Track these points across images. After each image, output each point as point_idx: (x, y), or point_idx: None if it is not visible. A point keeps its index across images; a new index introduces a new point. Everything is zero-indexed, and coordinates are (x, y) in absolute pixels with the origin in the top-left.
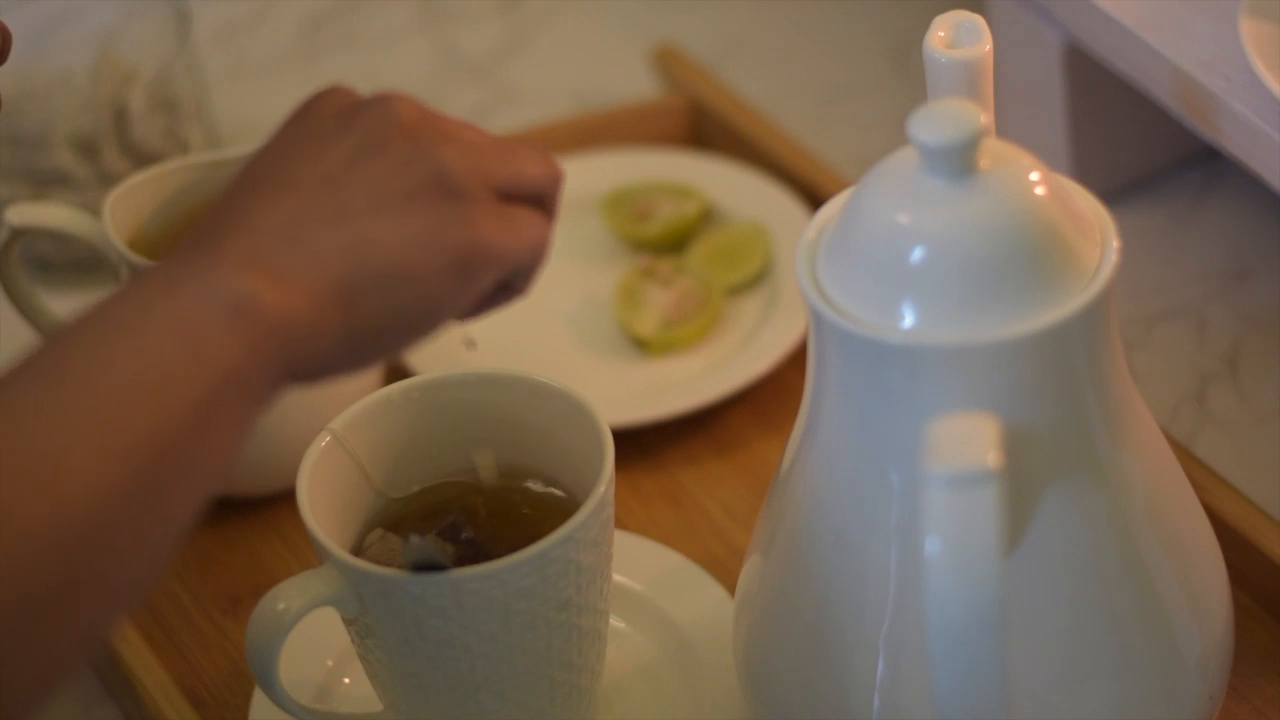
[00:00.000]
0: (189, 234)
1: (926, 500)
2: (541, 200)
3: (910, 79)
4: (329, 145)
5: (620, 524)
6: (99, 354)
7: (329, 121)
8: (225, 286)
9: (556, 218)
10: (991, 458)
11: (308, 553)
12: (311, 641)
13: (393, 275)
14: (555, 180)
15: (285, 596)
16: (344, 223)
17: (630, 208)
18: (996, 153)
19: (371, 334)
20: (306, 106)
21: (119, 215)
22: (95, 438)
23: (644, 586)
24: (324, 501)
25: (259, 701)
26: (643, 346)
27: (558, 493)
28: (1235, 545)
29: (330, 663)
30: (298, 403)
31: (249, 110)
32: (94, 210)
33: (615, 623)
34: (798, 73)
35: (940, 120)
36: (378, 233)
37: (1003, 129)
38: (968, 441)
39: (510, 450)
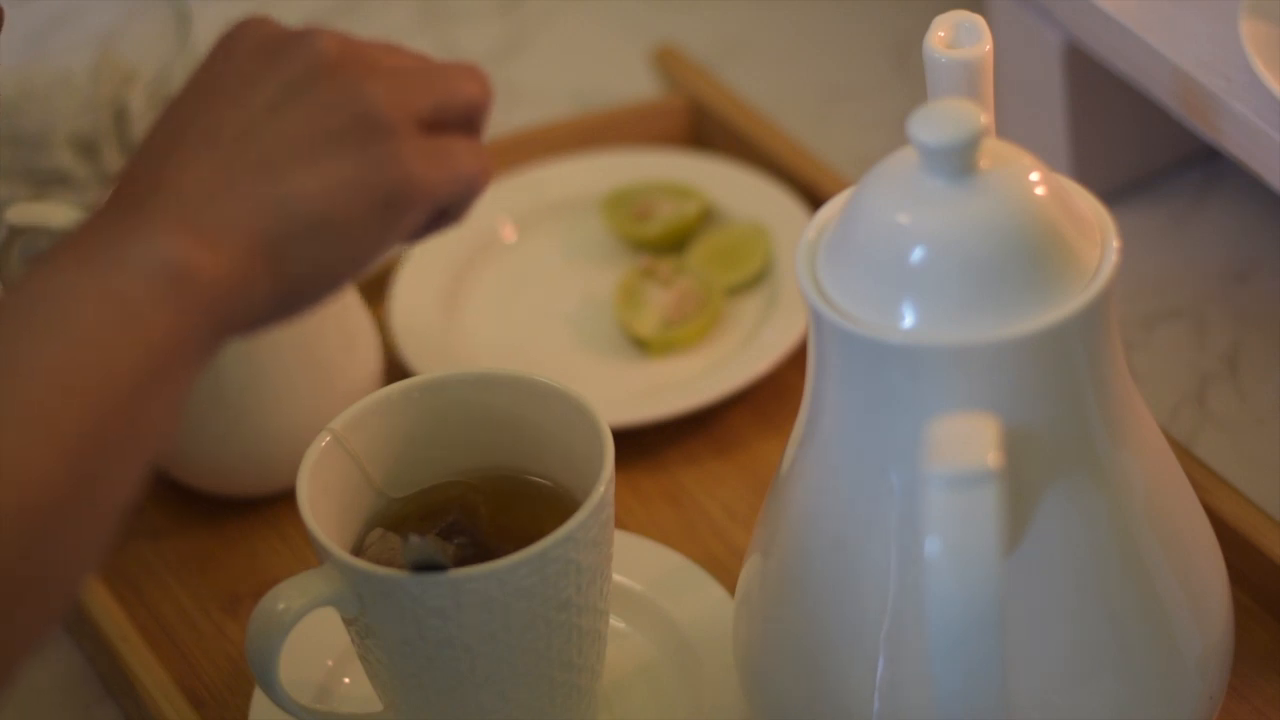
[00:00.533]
0: (114, 190)
1: (926, 500)
2: (473, 122)
3: (910, 79)
4: (249, 89)
5: (620, 524)
6: (29, 336)
7: (249, 61)
8: (153, 254)
9: (484, 133)
10: (991, 458)
11: (308, 553)
12: (311, 641)
13: (318, 225)
14: (484, 97)
15: (285, 596)
16: (267, 175)
17: (630, 208)
18: (996, 153)
19: (301, 284)
20: (224, 44)
21: None
22: (30, 425)
23: (644, 586)
24: (324, 501)
25: (259, 701)
26: (643, 346)
27: (558, 493)
28: (1235, 545)
29: (330, 663)
30: (298, 403)
31: None
32: (94, 210)
33: (615, 623)
34: (798, 73)
35: (940, 120)
36: (301, 183)
37: (1003, 129)
38: (968, 441)
39: (510, 450)
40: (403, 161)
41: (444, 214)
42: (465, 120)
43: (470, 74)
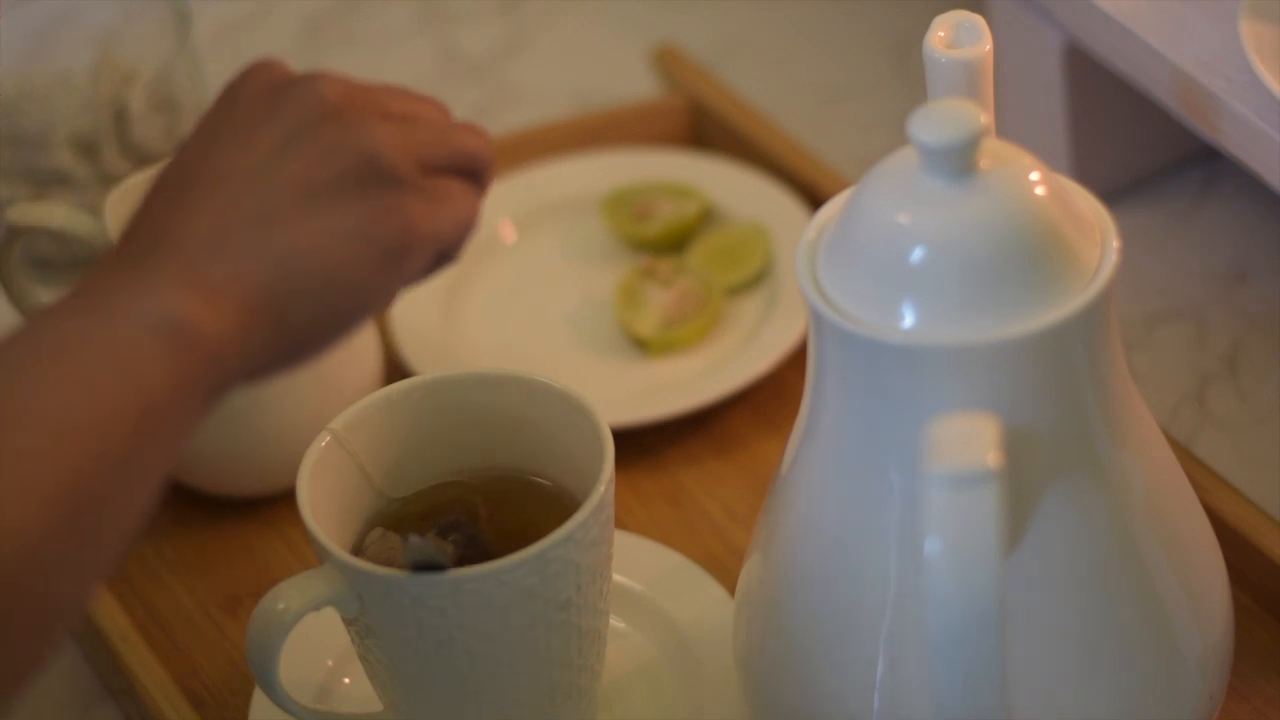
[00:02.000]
0: (120, 238)
1: (926, 500)
2: (473, 173)
3: (910, 79)
4: (254, 133)
5: (620, 524)
6: (26, 382)
7: (255, 105)
8: (154, 307)
9: (488, 190)
10: (991, 458)
11: (308, 553)
12: (311, 641)
13: (323, 279)
14: (488, 154)
15: (285, 596)
16: (271, 226)
17: (630, 208)
18: (996, 153)
19: (302, 336)
20: (232, 88)
21: (119, 215)
22: (23, 472)
23: (644, 586)
24: (324, 501)
25: (259, 701)
26: (643, 346)
27: (558, 493)
28: (1235, 545)
29: (330, 663)
30: (298, 403)
31: None
32: (94, 210)
33: (615, 623)
34: (798, 73)
35: (940, 120)
36: (306, 236)
37: (1003, 129)
38: (968, 441)
39: (510, 450)
40: (405, 211)
41: (442, 255)
42: (466, 171)
43: (475, 129)
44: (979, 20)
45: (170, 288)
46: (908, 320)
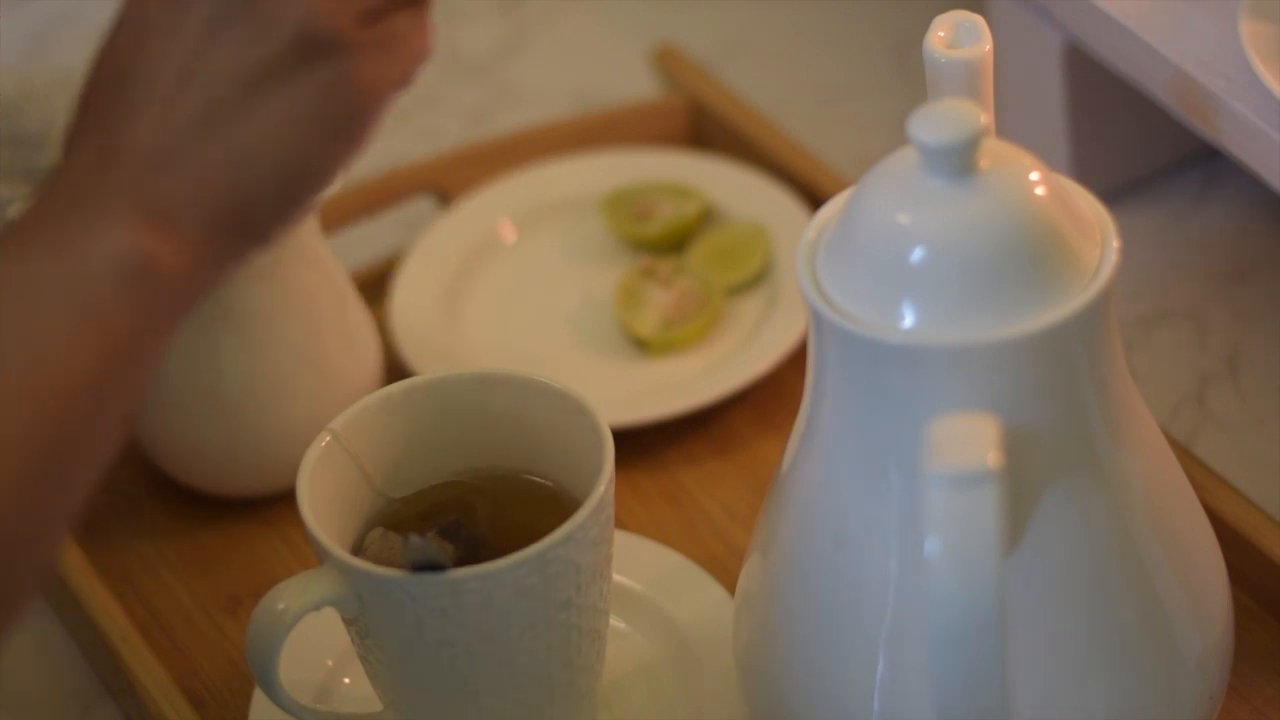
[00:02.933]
0: (65, 144)
1: (926, 500)
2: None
3: (910, 79)
4: (182, 15)
5: (620, 524)
6: None
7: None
8: (111, 247)
9: (430, 6)
10: (991, 458)
11: (308, 553)
12: (311, 641)
13: (279, 173)
14: None
15: (285, 596)
16: (217, 130)
17: (630, 208)
18: (996, 153)
19: (265, 231)
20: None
21: None
22: None
23: (644, 586)
24: (324, 501)
25: (259, 701)
26: (643, 346)
27: (558, 493)
28: (1235, 545)
29: (330, 663)
30: (298, 403)
31: None
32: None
33: (615, 623)
34: (798, 73)
35: (940, 120)
36: (254, 133)
37: (1003, 129)
38: (968, 441)
39: (510, 450)
40: (355, 77)
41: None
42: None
43: None
44: (979, 20)
45: (124, 220)
46: (908, 320)
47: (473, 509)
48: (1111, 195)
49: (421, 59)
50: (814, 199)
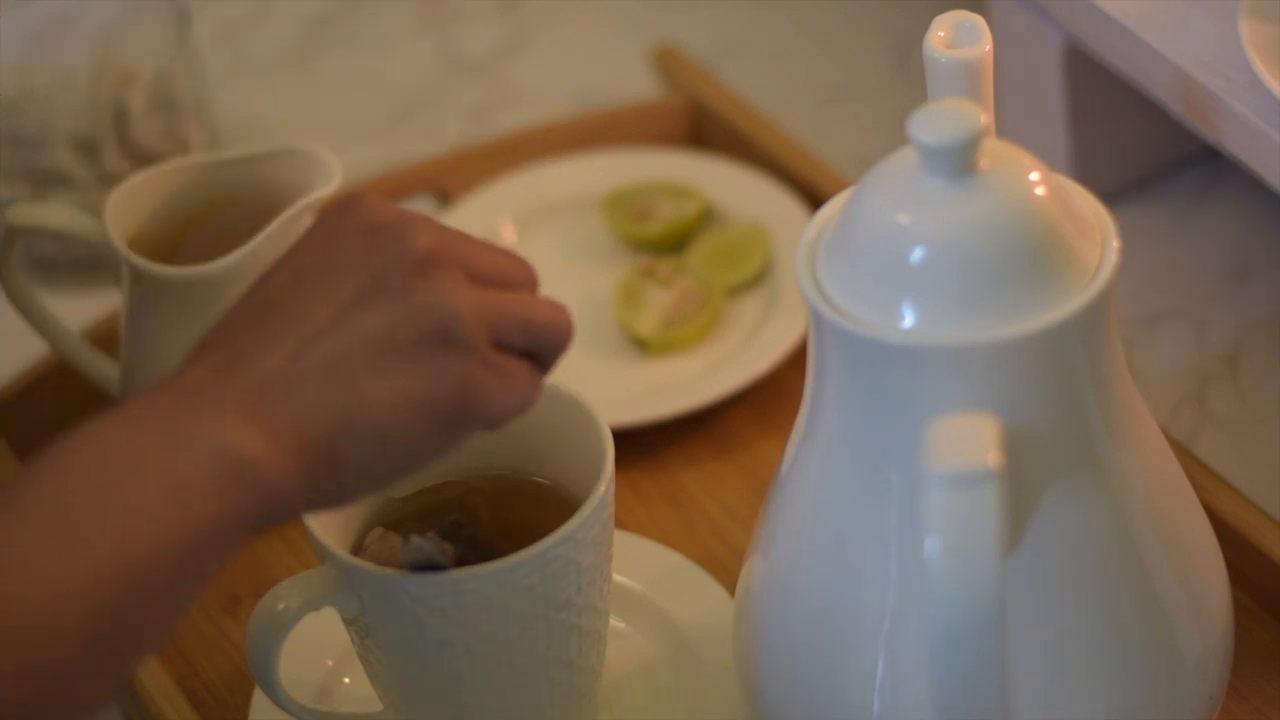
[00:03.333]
0: (197, 348)
1: (926, 500)
2: (542, 352)
3: (910, 79)
4: (342, 276)
5: (620, 524)
6: (84, 492)
7: (349, 246)
8: (221, 442)
9: (551, 372)
10: (991, 458)
11: (308, 553)
12: (311, 641)
13: (379, 438)
14: (562, 334)
15: (285, 596)
16: (341, 377)
17: (630, 208)
18: (996, 153)
19: (347, 486)
20: (329, 223)
21: (119, 215)
22: (61, 591)
23: (644, 586)
24: None
25: (259, 701)
26: (643, 346)
27: (558, 493)
28: (1235, 545)
29: (330, 663)
30: None
31: (249, 110)
32: (94, 210)
33: (615, 623)
34: (798, 73)
35: (940, 120)
36: (372, 394)
37: (1003, 129)
38: (968, 441)
39: (510, 450)
40: (470, 383)
41: (488, 425)
42: (536, 347)
43: (555, 306)
44: (979, 20)
45: (235, 421)
46: (908, 320)
47: (473, 509)
48: (1111, 195)
49: (522, 408)
50: (814, 199)
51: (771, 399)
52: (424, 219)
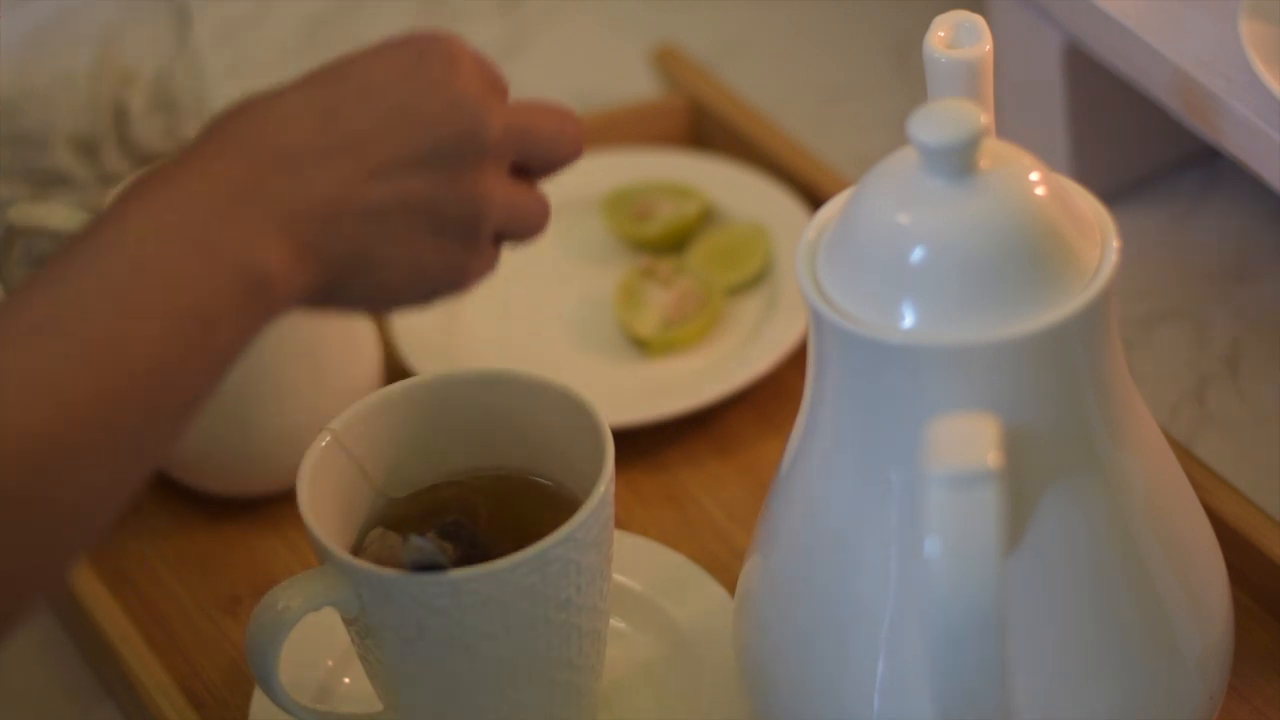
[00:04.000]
0: (258, 113)
1: (926, 500)
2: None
3: (910, 79)
4: (414, 125)
5: (620, 524)
6: (113, 301)
7: (432, 97)
8: (253, 261)
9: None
10: (991, 458)
11: (308, 553)
12: (311, 641)
13: (384, 287)
14: (577, 155)
15: (285, 596)
16: (376, 227)
17: (630, 208)
18: (996, 153)
19: (334, 307)
20: (426, 56)
21: None
22: (58, 378)
23: (644, 586)
24: (324, 501)
25: (259, 701)
26: (643, 346)
27: (558, 493)
28: (1235, 545)
29: (330, 663)
30: (298, 403)
31: None
32: (94, 210)
33: (615, 623)
34: (798, 73)
35: (940, 120)
36: (396, 252)
37: (1003, 129)
38: (968, 441)
39: (510, 450)
40: (467, 274)
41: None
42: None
43: (575, 132)
44: (979, 20)
45: (269, 239)
46: (908, 320)
47: (473, 509)
48: (1111, 195)
49: (536, 235)
50: (814, 199)
51: (771, 399)
52: (499, 102)
